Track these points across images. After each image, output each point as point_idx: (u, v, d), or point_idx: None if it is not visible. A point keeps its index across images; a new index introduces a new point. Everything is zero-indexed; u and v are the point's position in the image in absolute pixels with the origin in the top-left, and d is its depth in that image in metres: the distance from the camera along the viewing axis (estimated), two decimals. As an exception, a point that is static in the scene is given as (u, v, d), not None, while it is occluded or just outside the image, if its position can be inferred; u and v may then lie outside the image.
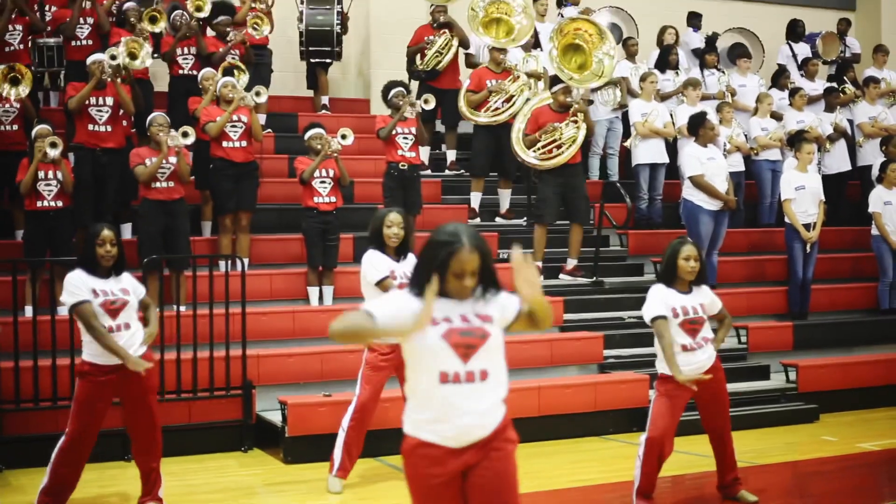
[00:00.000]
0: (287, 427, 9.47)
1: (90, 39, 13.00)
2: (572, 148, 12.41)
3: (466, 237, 4.58)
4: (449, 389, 4.56)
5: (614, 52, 12.81)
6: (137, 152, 11.07)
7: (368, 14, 16.39)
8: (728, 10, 18.67)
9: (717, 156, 13.03)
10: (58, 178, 10.73)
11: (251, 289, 10.40)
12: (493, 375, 4.64)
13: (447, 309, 4.61)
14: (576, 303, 12.38)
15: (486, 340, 4.60)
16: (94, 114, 11.51)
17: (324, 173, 11.57)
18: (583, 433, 10.52)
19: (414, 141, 12.36)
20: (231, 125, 11.70)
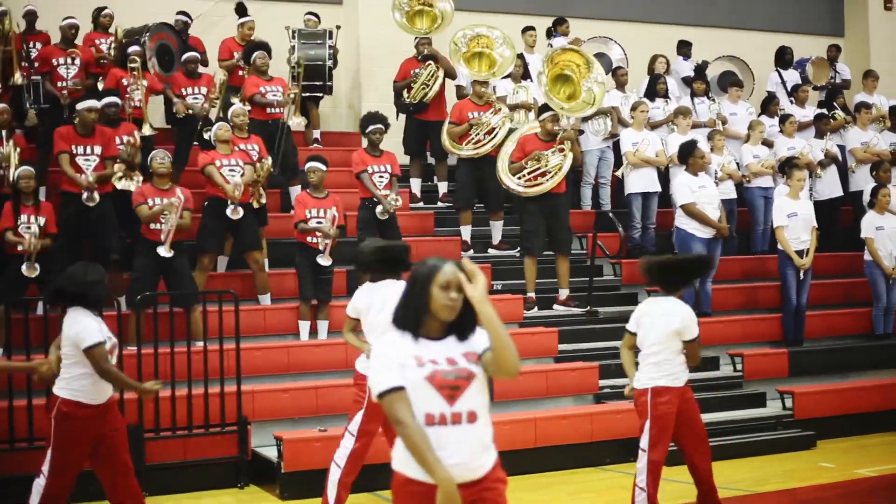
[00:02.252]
0: (283, 463, 9.46)
1: (78, 79, 13.01)
2: (557, 176, 12.42)
3: (448, 262, 4.64)
4: (435, 432, 4.54)
5: (603, 78, 12.86)
6: (141, 191, 11.04)
7: (358, 47, 16.42)
8: (718, 38, 18.72)
9: (709, 184, 13.07)
10: (38, 224, 10.66)
11: (245, 324, 10.37)
12: (478, 417, 4.62)
13: (435, 351, 4.61)
14: (570, 333, 12.37)
15: (471, 381, 4.60)
16: (82, 163, 11.36)
17: (320, 213, 11.55)
18: (579, 464, 10.50)
19: (389, 179, 12.34)
20: (229, 169, 11.65)
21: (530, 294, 12.69)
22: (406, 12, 14.58)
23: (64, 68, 13.03)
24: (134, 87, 12.77)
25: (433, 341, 4.64)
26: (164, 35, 14.05)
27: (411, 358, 4.58)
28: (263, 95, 13.36)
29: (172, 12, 14.90)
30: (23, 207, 10.67)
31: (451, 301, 4.59)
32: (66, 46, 13.16)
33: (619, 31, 17.67)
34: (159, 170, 11.04)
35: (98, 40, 14.09)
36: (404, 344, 4.62)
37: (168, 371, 9.70)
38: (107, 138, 11.57)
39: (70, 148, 11.33)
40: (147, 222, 10.89)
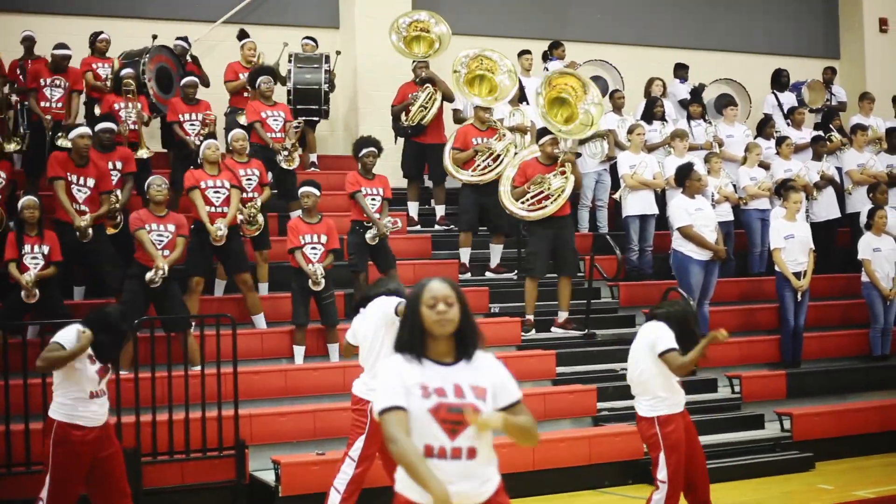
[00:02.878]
0: (281, 487, 9.44)
1: (61, 102, 13.01)
2: (560, 199, 12.45)
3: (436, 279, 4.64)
4: (433, 463, 4.50)
5: (599, 99, 12.89)
6: (138, 216, 11.01)
7: (355, 71, 16.46)
8: (714, 61, 18.77)
9: (706, 206, 13.08)
10: (42, 252, 10.62)
11: (242, 348, 10.36)
12: (481, 453, 4.58)
13: (442, 377, 4.56)
14: (568, 356, 12.36)
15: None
16: (75, 192, 11.29)
17: (314, 239, 11.55)
18: (578, 487, 10.48)
19: (381, 202, 12.35)
20: (214, 192, 11.63)
21: (529, 316, 12.69)
22: (404, 37, 14.64)
23: (49, 90, 13.00)
24: (128, 111, 12.79)
25: (442, 366, 4.60)
26: (164, 58, 14.09)
27: (417, 386, 4.54)
28: (264, 121, 13.35)
29: (172, 36, 14.95)
30: (26, 237, 10.58)
31: (439, 315, 4.55)
32: (55, 70, 13.10)
33: (616, 54, 17.71)
34: (156, 197, 11.02)
35: (95, 65, 14.11)
36: (411, 368, 4.58)
37: (165, 395, 9.67)
38: (101, 171, 11.50)
39: (66, 175, 11.26)
40: (143, 246, 10.87)
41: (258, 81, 13.61)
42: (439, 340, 4.61)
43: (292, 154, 13.23)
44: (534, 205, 12.53)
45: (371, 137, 12.64)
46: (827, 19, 20.58)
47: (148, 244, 10.84)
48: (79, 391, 7.41)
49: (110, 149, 11.98)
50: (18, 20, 14.84)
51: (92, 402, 7.41)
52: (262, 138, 13.27)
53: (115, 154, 12.00)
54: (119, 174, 11.97)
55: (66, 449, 7.32)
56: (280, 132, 13.37)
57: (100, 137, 11.87)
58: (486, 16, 17.71)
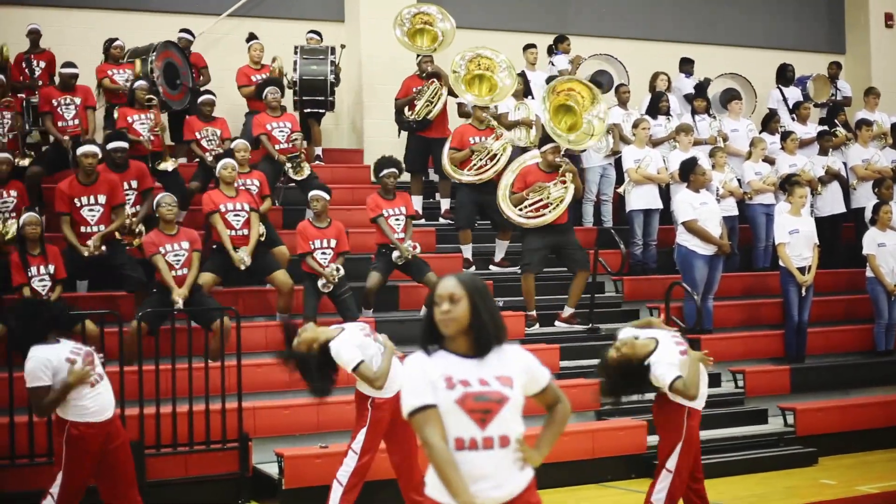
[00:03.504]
0: (284, 479, 9.46)
1: (77, 119, 12.91)
2: (559, 208, 12.43)
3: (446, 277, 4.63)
4: (466, 456, 4.46)
5: (604, 115, 12.87)
6: (151, 240, 10.92)
7: (360, 65, 16.47)
8: (719, 56, 18.76)
9: (710, 200, 13.08)
10: (49, 272, 10.49)
11: (246, 340, 10.37)
12: (511, 441, 4.54)
13: (465, 370, 4.54)
14: (572, 350, 12.36)
15: (503, 405, 4.51)
16: (86, 214, 11.15)
17: (324, 243, 11.53)
18: (581, 481, 10.48)
19: (405, 221, 12.33)
20: (234, 215, 11.60)
21: (531, 312, 12.68)
22: (407, 30, 14.63)
23: (62, 108, 12.87)
24: (145, 123, 12.79)
25: (464, 358, 4.58)
26: (170, 53, 14.07)
27: (441, 379, 4.50)
28: (269, 133, 13.35)
29: (175, 29, 14.97)
30: (30, 258, 10.42)
31: (443, 314, 4.53)
32: (64, 90, 12.96)
33: (621, 48, 17.70)
34: (167, 216, 10.95)
35: (111, 71, 14.13)
36: (434, 361, 4.55)
37: (169, 387, 9.69)
38: (112, 185, 11.34)
39: (69, 208, 11.09)
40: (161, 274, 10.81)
41: (265, 92, 13.62)
42: (456, 338, 4.59)
43: (300, 164, 13.23)
44: (532, 212, 12.51)
45: (392, 157, 12.58)
46: (832, 14, 20.57)
47: (164, 272, 10.77)
48: (90, 389, 7.43)
49: (123, 168, 11.83)
50: (21, 13, 14.89)
51: (95, 390, 7.42)
52: (269, 150, 13.29)
53: (130, 173, 11.88)
54: (135, 192, 11.89)
55: (78, 447, 7.37)
56: (286, 143, 13.36)
57: (112, 157, 11.77)
58: (491, 10, 17.71)
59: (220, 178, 11.76)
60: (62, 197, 11.14)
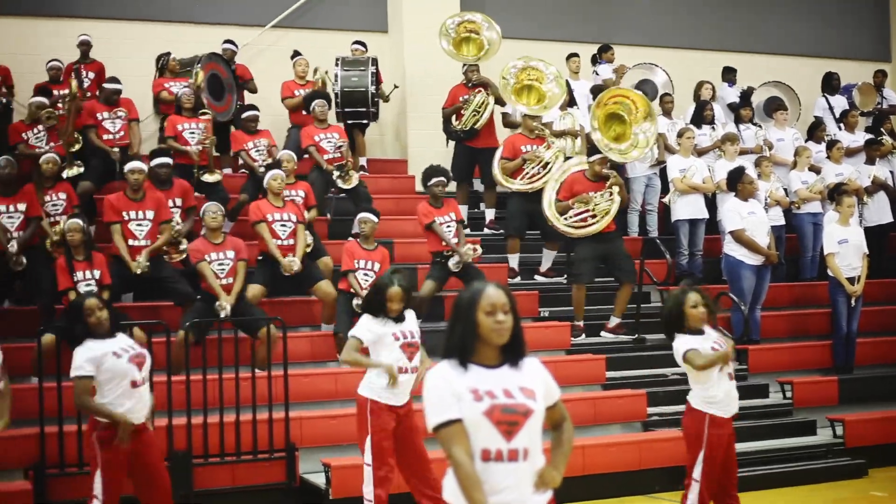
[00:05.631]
0: (331, 489, 9.46)
1: (122, 132, 13.03)
2: (604, 220, 12.40)
3: (491, 284, 4.60)
4: (491, 468, 4.45)
5: (652, 133, 12.81)
6: (196, 247, 10.97)
7: (404, 74, 16.49)
8: (763, 64, 18.65)
9: (758, 210, 12.99)
10: (94, 277, 10.55)
11: (292, 351, 10.39)
12: (533, 454, 4.53)
13: (489, 380, 4.51)
14: (618, 360, 12.31)
15: (528, 417, 4.50)
16: (134, 228, 11.15)
17: (368, 265, 11.53)
18: (627, 492, 10.43)
19: (456, 227, 12.33)
20: (281, 225, 11.63)
21: (578, 322, 12.65)
22: (453, 39, 14.64)
23: (109, 122, 12.98)
24: (194, 133, 12.88)
25: (488, 369, 4.54)
26: (214, 65, 14.14)
27: (468, 391, 4.47)
28: (318, 144, 13.41)
29: (220, 41, 15.06)
30: (75, 263, 10.51)
31: (499, 324, 4.50)
32: (107, 104, 13.08)
33: (664, 57, 17.62)
34: (211, 224, 10.99)
35: (167, 84, 14.25)
36: (458, 374, 4.52)
37: (216, 397, 9.73)
38: (159, 201, 11.38)
39: (121, 217, 11.13)
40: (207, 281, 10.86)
41: (312, 105, 13.68)
42: (489, 346, 4.57)
43: (349, 173, 13.28)
44: (578, 222, 12.49)
45: (440, 167, 12.58)
46: (877, 22, 20.42)
47: (210, 278, 10.82)
48: (119, 386, 7.48)
49: (167, 184, 11.89)
50: (70, 24, 15.05)
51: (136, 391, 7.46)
52: (318, 161, 13.34)
53: (174, 191, 11.94)
54: (179, 210, 11.93)
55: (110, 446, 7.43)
56: (334, 153, 13.43)
57: (156, 173, 11.82)
58: (533, 19, 17.69)
59: (268, 188, 11.78)
60: (112, 208, 11.19)
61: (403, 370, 8.27)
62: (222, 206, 11.41)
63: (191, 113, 13.07)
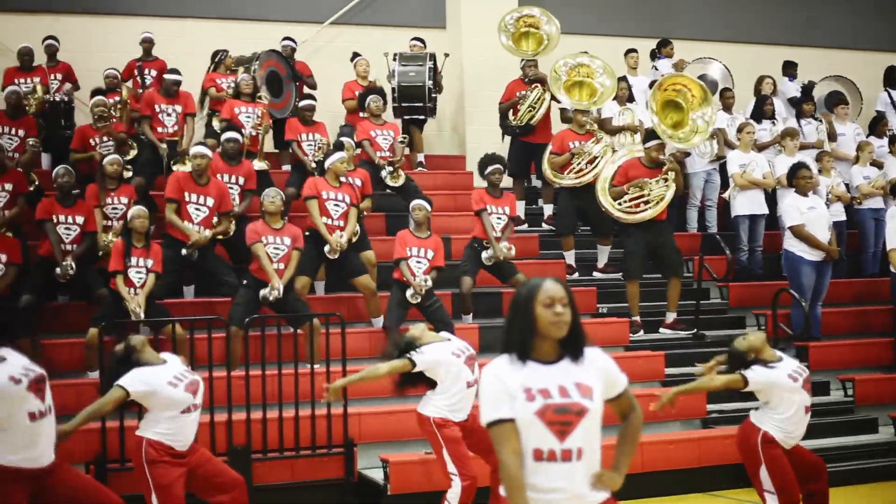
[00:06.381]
0: (389, 485, 9.49)
1: (175, 127, 13.15)
2: (659, 206, 12.35)
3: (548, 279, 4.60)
4: (545, 468, 4.44)
5: (710, 117, 12.74)
6: (254, 228, 11.02)
7: (462, 71, 16.49)
8: (824, 59, 18.48)
9: (819, 205, 12.87)
10: (146, 266, 10.64)
11: (351, 347, 10.41)
12: (587, 454, 4.50)
13: (545, 377, 4.49)
14: (677, 357, 12.21)
15: (583, 417, 4.47)
16: (192, 211, 11.28)
17: (421, 253, 11.53)
18: (686, 490, 10.38)
19: (507, 221, 12.33)
20: (335, 204, 11.64)
21: (635, 318, 12.60)
22: (512, 34, 14.62)
23: (165, 115, 13.10)
24: (249, 117, 12.96)
25: (545, 365, 4.52)
26: (273, 62, 14.23)
27: (521, 390, 4.45)
28: (373, 140, 13.49)
29: (278, 38, 15.12)
30: (133, 249, 10.60)
31: (557, 316, 4.48)
32: (166, 96, 13.20)
33: (723, 51, 17.52)
34: (269, 208, 11.04)
35: (219, 80, 14.37)
36: (514, 372, 4.50)
37: (276, 392, 9.78)
38: (222, 191, 11.49)
39: (182, 196, 11.24)
40: (261, 263, 10.91)
41: (368, 101, 13.78)
42: (546, 340, 4.55)
43: (397, 171, 13.33)
44: (631, 207, 12.44)
45: (496, 154, 12.62)
46: (941, 15, 20.16)
47: (264, 259, 10.86)
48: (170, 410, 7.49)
49: (236, 160, 12.03)
50: (133, 22, 15.21)
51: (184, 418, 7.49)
52: (370, 156, 13.39)
53: (241, 168, 12.05)
54: (239, 188, 12.04)
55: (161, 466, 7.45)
56: (388, 150, 13.49)
57: (225, 148, 11.97)
58: (592, 14, 17.64)
59: (331, 169, 11.74)
60: (176, 185, 11.30)
61: (471, 384, 8.36)
62: (281, 192, 11.45)
63: (249, 98, 13.20)
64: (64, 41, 14.73)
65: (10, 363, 6.46)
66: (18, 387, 6.36)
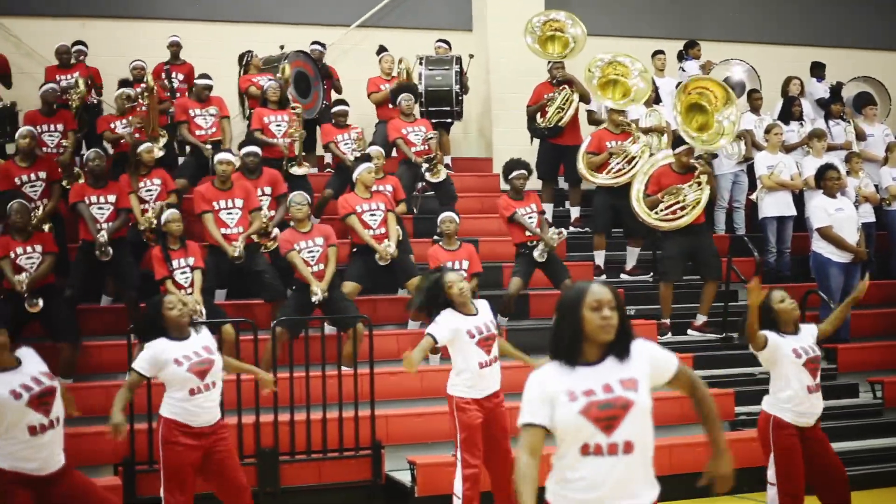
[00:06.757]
0: (416, 487, 9.50)
1: (214, 127, 13.24)
2: (696, 210, 12.31)
3: (595, 282, 4.59)
4: (590, 461, 4.44)
5: (735, 117, 12.71)
6: (285, 237, 11.06)
7: (488, 73, 16.50)
8: (852, 59, 18.39)
9: (847, 207, 12.81)
10: (189, 264, 10.69)
11: (379, 348, 10.43)
12: (638, 447, 4.49)
13: (589, 378, 4.49)
14: (705, 359, 12.20)
15: (628, 410, 4.46)
16: (224, 217, 11.30)
17: (455, 265, 11.40)
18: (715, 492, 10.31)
19: (538, 217, 12.32)
20: (371, 215, 11.66)
21: (665, 320, 12.58)
22: (538, 37, 14.62)
23: (201, 118, 13.17)
24: (280, 125, 13.00)
25: (590, 367, 4.52)
26: (301, 62, 14.27)
27: (563, 393, 4.46)
28: (405, 137, 13.54)
29: (307, 41, 15.15)
30: (171, 252, 10.67)
31: (605, 320, 4.46)
32: (198, 101, 13.28)
33: (751, 52, 17.46)
34: (297, 215, 11.06)
35: (255, 79, 14.40)
36: (560, 377, 4.50)
37: (303, 394, 9.81)
38: (247, 190, 11.51)
39: (212, 207, 11.27)
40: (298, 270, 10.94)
41: (399, 99, 13.83)
42: (594, 344, 4.54)
43: (437, 166, 13.36)
44: (669, 214, 12.42)
45: (521, 160, 12.58)
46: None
47: (301, 267, 10.89)
48: (179, 391, 7.53)
49: (256, 174, 12.01)
50: (158, 26, 15.30)
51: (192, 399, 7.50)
52: (406, 154, 13.41)
53: (263, 179, 12.04)
54: (269, 198, 12.03)
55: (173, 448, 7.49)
56: (422, 145, 13.53)
57: (244, 162, 11.96)
58: (618, 16, 17.63)
59: (359, 180, 11.79)
60: (202, 198, 11.35)
61: (483, 364, 8.35)
62: (308, 196, 11.46)
63: (276, 106, 13.21)
64: (91, 46, 14.82)
65: (19, 372, 6.53)
66: (18, 402, 6.41)
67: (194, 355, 7.50)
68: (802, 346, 7.81)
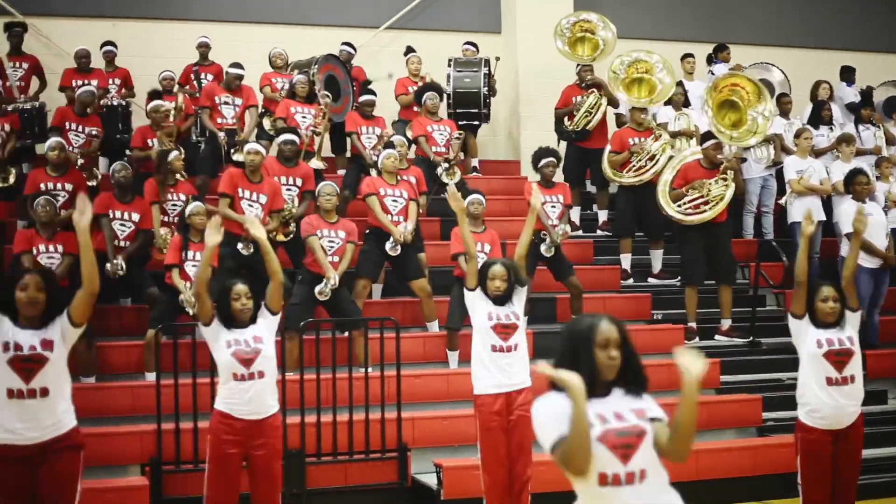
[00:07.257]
0: (443, 490, 9.50)
1: (234, 119, 13.29)
2: (719, 206, 12.26)
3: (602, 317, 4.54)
4: (610, 492, 4.42)
5: (769, 112, 12.67)
6: (309, 221, 11.06)
7: (517, 76, 16.50)
8: (882, 63, 18.30)
9: (876, 212, 12.74)
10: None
11: (405, 351, 10.43)
12: (651, 474, 4.49)
13: (600, 408, 4.47)
14: (733, 364, 12.15)
15: (643, 438, 4.45)
16: (245, 208, 11.23)
17: (478, 247, 11.41)
18: (741, 498, 10.29)
19: (562, 208, 12.29)
20: (392, 200, 11.70)
21: (691, 324, 12.53)
22: (568, 39, 14.61)
23: (224, 106, 13.24)
24: (306, 117, 13.05)
25: (599, 399, 4.49)
26: (331, 66, 14.29)
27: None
28: (429, 136, 13.57)
29: (336, 42, 15.18)
30: (191, 244, 10.68)
31: (611, 360, 4.46)
32: (227, 89, 13.37)
33: (781, 56, 17.41)
34: (325, 206, 11.06)
35: (274, 79, 14.47)
36: (567, 401, 4.39)
37: (330, 396, 9.81)
38: (274, 188, 11.46)
39: (235, 192, 11.22)
40: (315, 255, 10.94)
41: (424, 98, 13.84)
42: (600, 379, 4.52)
43: (453, 167, 13.36)
44: (691, 208, 12.38)
45: (549, 148, 12.59)
46: None
47: (319, 251, 10.88)
48: (225, 377, 7.55)
49: (293, 162, 12.01)
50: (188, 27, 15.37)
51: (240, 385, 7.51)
52: (426, 152, 13.44)
53: (298, 170, 12.03)
54: (297, 190, 12.01)
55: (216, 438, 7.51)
56: (444, 146, 13.54)
57: (281, 149, 11.95)
58: (648, 19, 17.61)
59: (382, 167, 11.84)
60: (229, 180, 11.29)
61: (498, 349, 8.40)
62: (337, 188, 11.47)
63: (304, 100, 13.27)
64: (121, 46, 14.90)
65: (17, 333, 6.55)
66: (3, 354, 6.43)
67: (244, 343, 7.54)
68: (830, 337, 7.72)
